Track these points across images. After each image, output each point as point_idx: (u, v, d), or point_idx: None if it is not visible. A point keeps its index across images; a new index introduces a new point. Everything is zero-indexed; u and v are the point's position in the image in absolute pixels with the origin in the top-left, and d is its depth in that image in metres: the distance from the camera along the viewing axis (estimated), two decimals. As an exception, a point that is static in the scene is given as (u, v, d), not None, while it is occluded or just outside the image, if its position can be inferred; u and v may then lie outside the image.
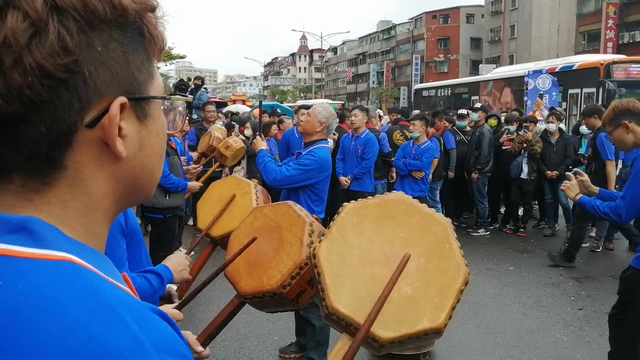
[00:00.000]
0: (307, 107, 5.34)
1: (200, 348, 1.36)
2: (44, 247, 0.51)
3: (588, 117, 6.65)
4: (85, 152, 0.56)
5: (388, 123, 10.14)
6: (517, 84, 16.79)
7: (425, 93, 24.03)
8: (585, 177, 3.32)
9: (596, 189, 3.32)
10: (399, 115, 9.91)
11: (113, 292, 0.51)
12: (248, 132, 7.74)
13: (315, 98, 56.33)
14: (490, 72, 21.41)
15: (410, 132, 6.69)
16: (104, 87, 0.55)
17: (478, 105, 10.51)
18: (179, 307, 1.49)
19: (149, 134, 0.62)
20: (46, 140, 0.53)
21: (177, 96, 0.71)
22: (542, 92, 13.17)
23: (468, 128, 8.60)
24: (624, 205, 2.96)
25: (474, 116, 8.50)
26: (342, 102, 37.64)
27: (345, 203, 1.42)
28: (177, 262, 2.02)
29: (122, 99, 0.56)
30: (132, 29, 0.59)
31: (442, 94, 22.34)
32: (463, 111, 8.88)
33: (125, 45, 0.57)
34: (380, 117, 11.18)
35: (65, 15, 0.52)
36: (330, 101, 34.73)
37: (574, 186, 3.25)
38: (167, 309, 1.44)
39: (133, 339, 0.47)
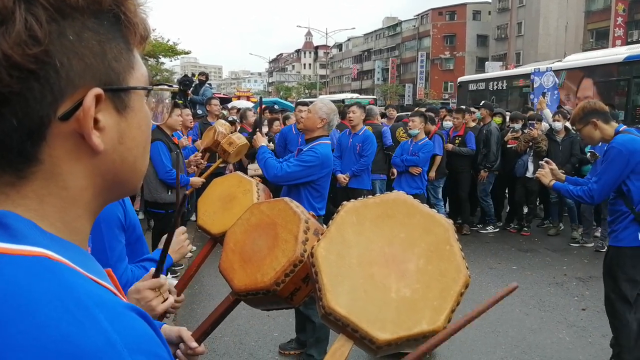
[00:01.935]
0: (306, 104, 5.30)
1: (194, 344, 1.35)
2: (20, 242, 0.50)
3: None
4: (61, 146, 0.54)
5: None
6: (602, 74, 13.48)
7: (472, 86, 19.86)
8: (554, 166, 3.74)
9: (563, 176, 3.74)
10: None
11: (88, 289, 0.50)
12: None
13: (321, 94, 56.04)
14: (563, 60, 17.09)
15: (409, 129, 6.66)
16: (77, 78, 0.53)
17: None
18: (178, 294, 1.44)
19: (129, 126, 0.60)
20: (18, 134, 0.51)
21: (160, 86, 0.68)
22: (545, 91, 13.04)
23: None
24: (597, 188, 3.37)
25: (477, 114, 8.44)
26: (375, 97, 33.61)
27: (345, 202, 1.41)
28: (174, 242, 1.99)
29: (97, 90, 0.54)
30: (109, 17, 0.56)
31: (495, 87, 18.26)
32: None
33: (100, 34, 0.55)
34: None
35: (33, 4, 0.50)
36: (358, 96, 33.16)
37: (548, 173, 3.67)
38: (140, 283, 1.39)
39: (104, 338, 0.46)
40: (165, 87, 0.69)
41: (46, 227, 0.54)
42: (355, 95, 32.57)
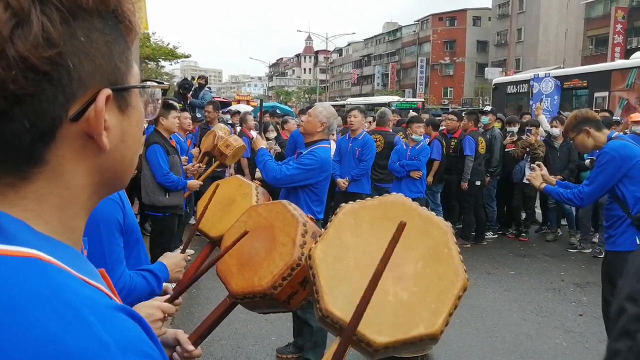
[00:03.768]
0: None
1: (191, 347, 1.34)
2: (10, 243, 0.49)
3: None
4: (68, 146, 0.54)
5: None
6: None
7: (510, 89, 16.50)
8: (545, 170, 3.78)
9: (553, 179, 3.79)
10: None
11: (79, 291, 0.49)
12: (272, 134, 7.89)
13: (320, 99, 55.87)
14: (631, 57, 14.38)
15: (410, 134, 6.66)
16: (88, 79, 0.54)
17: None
18: (170, 301, 1.47)
19: (130, 124, 0.60)
20: (29, 136, 0.51)
21: (154, 83, 0.69)
22: (543, 96, 12.97)
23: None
24: (588, 191, 3.44)
25: (484, 119, 8.42)
26: (423, 100, 29.16)
27: (343, 204, 1.40)
28: (175, 262, 2.02)
29: (108, 91, 0.55)
30: (113, 17, 0.57)
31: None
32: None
33: (107, 35, 0.56)
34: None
35: (47, 5, 0.50)
36: (399, 98, 29.04)
37: (539, 176, 3.71)
38: (158, 302, 1.42)
39: (96, 339, 0.45)
40: (155, 84, 0.70)
41: (41, 227, 0.54)
42: (396, 98, 29.03)
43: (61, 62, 0.51)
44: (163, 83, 0.73)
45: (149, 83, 0.66)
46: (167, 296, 1.48)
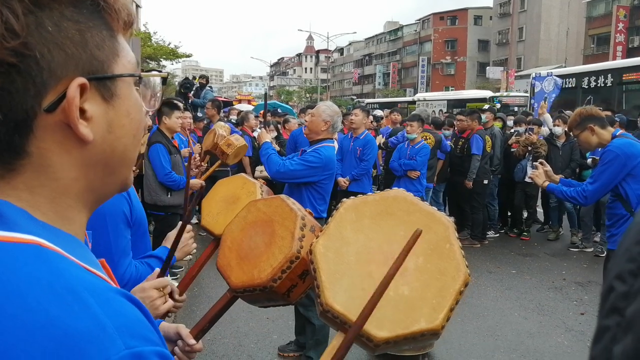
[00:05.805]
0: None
1: (192, 341, 1.35)
2: (12, 230, 0.50)
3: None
4: (49, 138, 0.54)
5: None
6: None
7: None
8: (549, 168, 3.74)
9: (557, 177, 3.74)
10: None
11: (79, 276, 0.50)
12: (273, 134, 7.89)
13: (322, 98, 55.80)
14: None
15: (408, 133, 6.64)
16: (59, 69, 0.53)
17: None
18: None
19: (117, 114, 0.59)
20: (4, 127, 0.52)
21: (152, 72, 0.68)
22: (546, 95, 12.91)
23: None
24: (592, 189, 3.41)
25: (482, 117, 8.42)
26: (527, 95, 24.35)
27: (345, 199, 1.41)
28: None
29: (81, 80, 0.54)
30: (88, 5, 0.56)
31: (595, 84, 13.13)
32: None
33: (80, 23, 0.55)
34: (381, 117, 11.12)
35: None
36: (509, 93, 22.75)
37: (542, 174, 3.68)
38: (147, 282, 1.40)
39: (94, 322, 0.46)
40: (155, 72, 0.69)
41: (39, 217, 0.54)
42: (490, 93, 23.23)
43: (27, 53, 0.50)
44: (161, 72, 0.72)
45: (144, 73, 0.64)
46: (155, 273, 1.46)
